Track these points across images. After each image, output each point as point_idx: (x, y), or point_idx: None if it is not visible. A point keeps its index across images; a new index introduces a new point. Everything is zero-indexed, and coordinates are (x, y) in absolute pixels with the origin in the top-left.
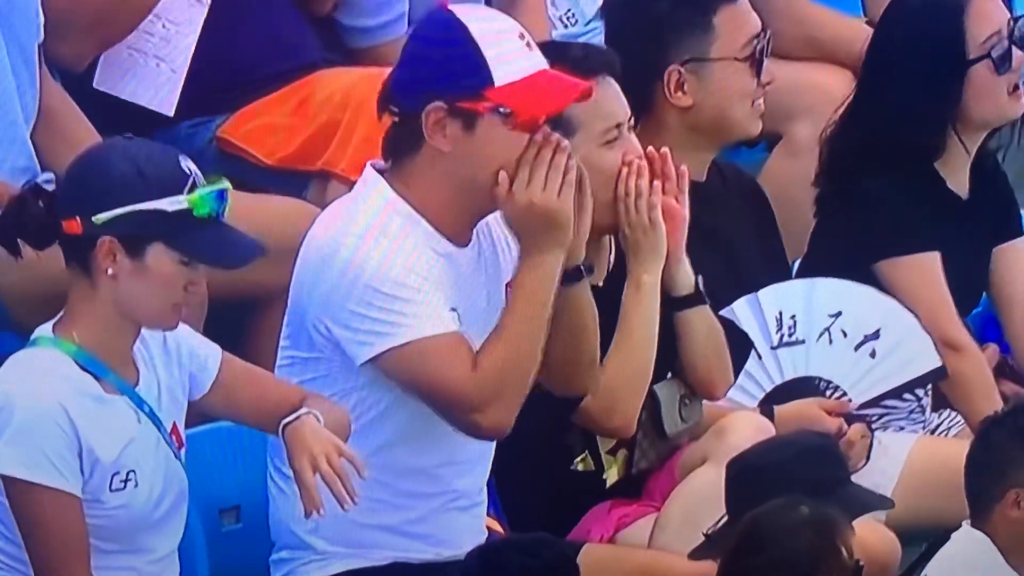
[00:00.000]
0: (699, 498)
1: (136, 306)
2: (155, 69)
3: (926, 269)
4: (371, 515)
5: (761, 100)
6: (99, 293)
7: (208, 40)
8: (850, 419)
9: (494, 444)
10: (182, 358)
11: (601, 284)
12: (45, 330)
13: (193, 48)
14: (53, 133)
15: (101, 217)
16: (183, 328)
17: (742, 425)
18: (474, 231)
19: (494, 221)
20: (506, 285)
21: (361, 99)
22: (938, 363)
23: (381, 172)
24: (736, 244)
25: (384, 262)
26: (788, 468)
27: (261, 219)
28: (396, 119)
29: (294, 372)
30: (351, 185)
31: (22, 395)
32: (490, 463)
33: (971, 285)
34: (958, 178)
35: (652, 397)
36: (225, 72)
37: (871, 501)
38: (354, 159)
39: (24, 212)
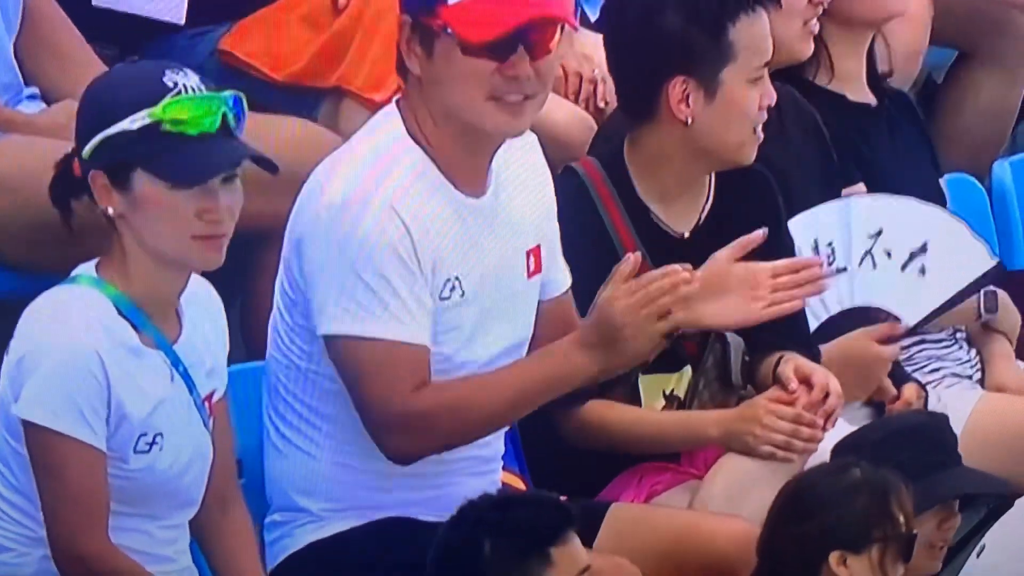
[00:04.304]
0: (744, 475)
1: (150, 243)
2: None
3: None
4: (377, 482)
5: (814, 20)
6: (121, 237)
7: None
8: (901, 378)
9: None
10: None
11: (687, 236)
12: (88, 268)
13: None
14: (38, 42)
15: (87, 151)
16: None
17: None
18: (491, 178)
19: (518, 163)
20: (528, 252)
21: (380, 6)
22: (992, 263)
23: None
24: (791, 176)
25: (379, 230)
26: (876, 451)
27: (268, 144)
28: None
29: (287, 306)
30: (367, 104)
31: (55, 336)
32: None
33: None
34: (857, 89)
35: (722, 342)
36: None
37: (964, 484)
38: (372, 75)
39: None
